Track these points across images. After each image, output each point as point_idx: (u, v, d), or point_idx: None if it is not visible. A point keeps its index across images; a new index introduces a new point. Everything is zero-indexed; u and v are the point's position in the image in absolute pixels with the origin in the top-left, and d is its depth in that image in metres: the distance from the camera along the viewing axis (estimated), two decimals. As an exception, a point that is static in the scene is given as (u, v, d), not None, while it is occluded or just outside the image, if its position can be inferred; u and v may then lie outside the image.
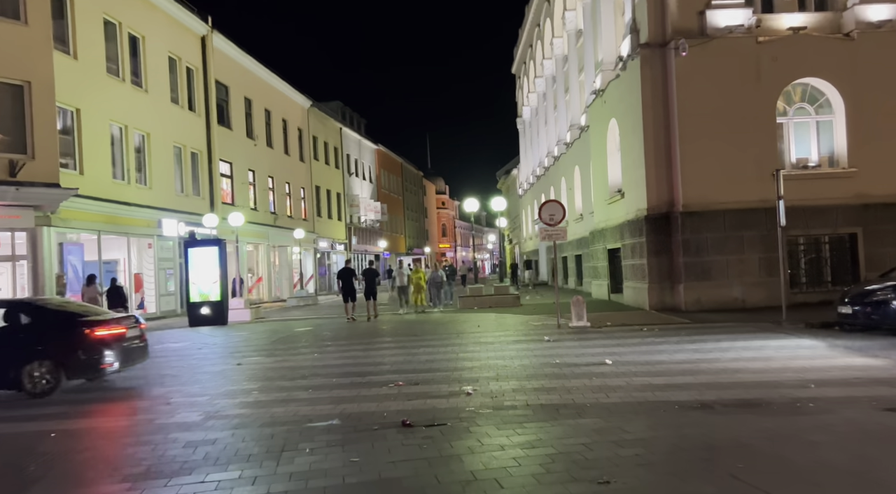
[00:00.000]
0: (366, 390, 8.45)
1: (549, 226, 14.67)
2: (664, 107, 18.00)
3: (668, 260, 17.84)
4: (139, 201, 24.15)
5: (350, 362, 11.00)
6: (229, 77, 32.28)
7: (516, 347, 11.92)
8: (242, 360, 12.02)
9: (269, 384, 9.29)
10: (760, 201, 17.32)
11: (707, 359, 9.70)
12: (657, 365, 9.51)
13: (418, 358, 11.08)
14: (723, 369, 8.93)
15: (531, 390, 8.00)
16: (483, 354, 11.24)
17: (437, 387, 8.42)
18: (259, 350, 13.57)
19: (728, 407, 6.75)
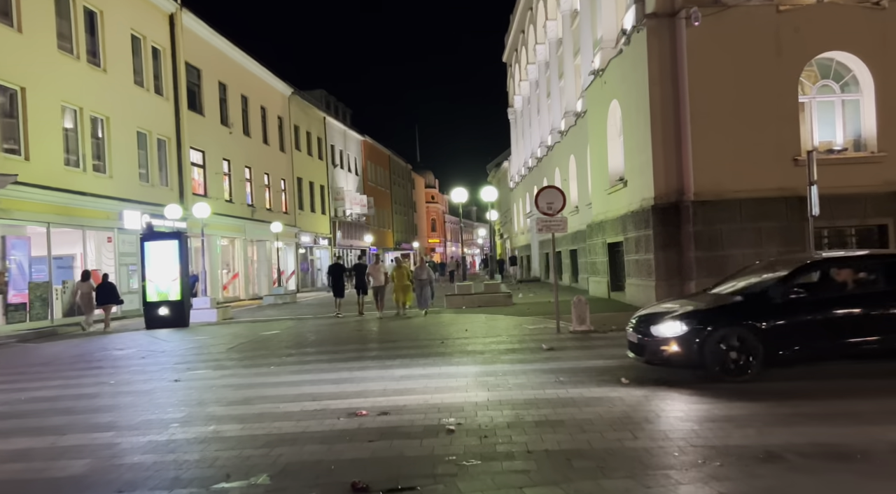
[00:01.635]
0: (317, 423, 6.55)
1: (548, 215, 12.77)
2: (673, 83, 16.14)
3: (677, 254, 16.01)
4: (97, 191, 22.10)
5: (309, 378, 9.08)
6: (201, 59, 30.18)
7: (510, 358, 10.04)
8: (184, 374, 10.08)
9: (198, 411, 7.36)
10: (780, 189, 15.56)
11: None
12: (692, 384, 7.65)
13: (392, 373, 9.18)
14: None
15: (531, 425, 6.12)
16: (471, 368, 9.35)
17: (409, 419, 6.53)
18: (209, 360, 11.62)
19: (810, 457, 4.90)
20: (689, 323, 7.82)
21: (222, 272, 32.56)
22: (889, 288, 8.02)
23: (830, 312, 7.82)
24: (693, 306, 8.28)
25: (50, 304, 20.01)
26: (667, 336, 7.86)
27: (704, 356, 7.61)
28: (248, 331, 16.45)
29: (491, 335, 13.06)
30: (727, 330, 7.65)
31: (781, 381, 7.60)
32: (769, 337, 7.61)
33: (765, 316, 7.72)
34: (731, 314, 7.92)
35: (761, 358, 7.59)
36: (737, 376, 7.56)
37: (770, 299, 7.85)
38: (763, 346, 7.58)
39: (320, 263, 46.46)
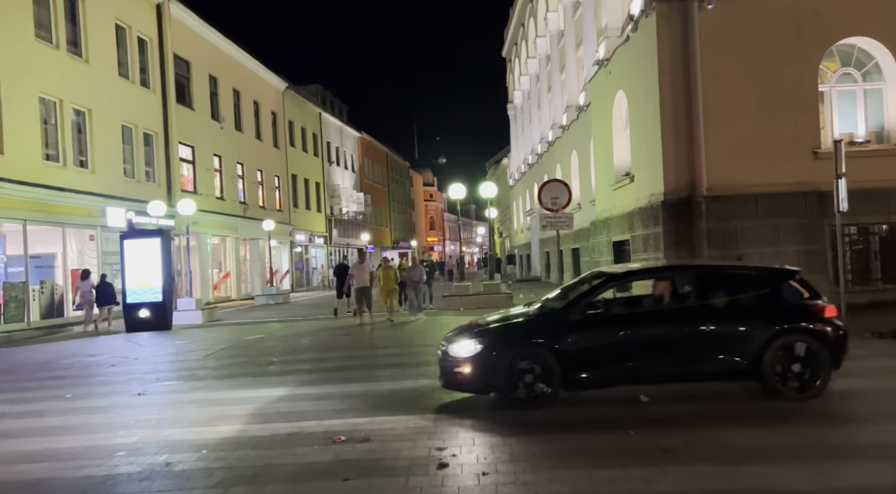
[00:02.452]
0: (286, 452, 5.57)
1: (552, 211, 11.79)
2: (685, 71, 15.13)
3: (688, 253, 15.01)
4: (78, 186, 21.10)
5: (286, 393, 8.10)
6: (191, 52, 29.16)
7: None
8: (150, 387, 9.10)
9: (154, 435, 6.38)
10: (799, 183, 14.59)
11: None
12: (717, 400, 6.68)
13: (380, 388, 8.19)
14: (826, 410, 6.14)
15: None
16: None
17: (394, 448, 5.55)
18: (182, 369, 10.64)
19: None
20: (482, 341, 6.83)
21: (213, 271, 31.60)
22: (699, 302, 7.09)
23: (634, 330, 6.92)
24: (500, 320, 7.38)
25: (26, 306, 19.02)
26: (461, 356, 6.84)
27: (496, 379, 6.64)
28: (232, 335, 15.46)
29: (490, 340, 12.07)
30: (521, 350, 6.73)
31: (586, 406, 6.76)
32: (568, 358, 6.68)
33: (562, 334, 6.78)
34: (525, 332, 7.03)
35: (558, 381, 6.66)
36: (531, 403, 6.62)
37: (568, 315, 6.91)
38: (561, 368, 6.64)
39: (315, 262, 45.47)
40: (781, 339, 6.69)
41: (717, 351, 6.77)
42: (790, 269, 7.41)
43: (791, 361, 6.65)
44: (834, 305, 7.06)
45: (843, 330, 6.94)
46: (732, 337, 6.80)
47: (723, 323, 6.86)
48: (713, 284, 7.32)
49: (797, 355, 6.67)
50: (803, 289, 7.12)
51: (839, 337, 6.87)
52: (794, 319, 6.86)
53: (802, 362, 6.66)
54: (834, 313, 6.98)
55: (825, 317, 6.87)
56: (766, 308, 6.94)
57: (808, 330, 6.79)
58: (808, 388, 6.64)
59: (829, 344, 6.75)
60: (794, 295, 7.05)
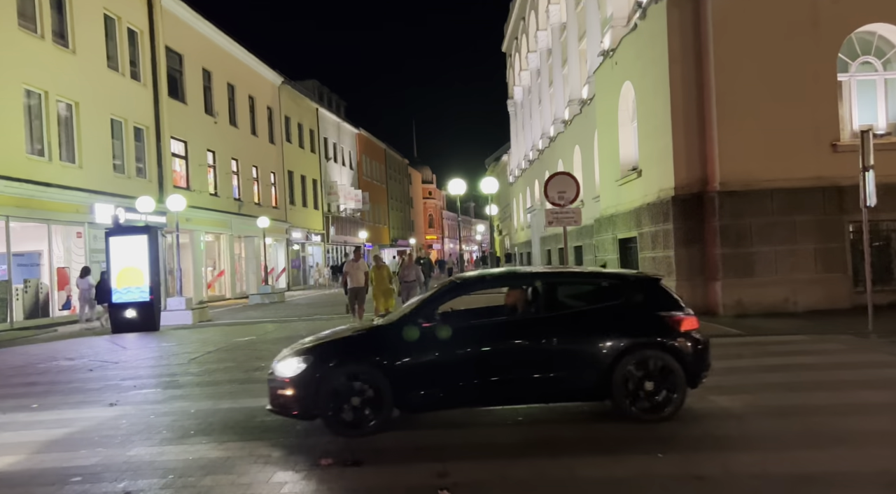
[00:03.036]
0: (264, 478, 4.85)
1: (558, 206, 11.07)
2: (696, 60, 14.45)
3: (700, 251, 14.34)
4: (65, 182, 20.36)
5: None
6: (183, 44, 28.40)
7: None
8: (125, 395, 8.39)
9: (117, 455, 5.66)
10: (816, 178, 13.91)
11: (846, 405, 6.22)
12: (754, 416, 5.98)
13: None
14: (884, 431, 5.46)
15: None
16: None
17: (392, 472, 4.84)
18: (163, 375, 9.93)
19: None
20: (307, 359, 6.05)
21: (207, 270, 30.87)
22: (547, 314, 6.36)
23: (473, 345, 6.11)
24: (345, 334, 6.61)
25: (9, 306, 18.29)
26: (285, 375, 6.05)
27: (320, 402, 5.85)
28: (222, 337, 14.74)
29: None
30: (347, 369, 5.95)
31: (421, 430, 6.04)
32: (400, 376, 5.93)
33: (395, 349, 6.02)
34: (354, 348, 6.25)
35: (390, 403, 5.90)
36: (356, 428, 5.84)
37: (402, 328, 6.12)
38: (393, 388, 5.89)
39: (312, 260, 44.74)
40: (633, 354, 6.00)
41: (565, 368, 6.03)
42: (650, 277, 6.74)
43: (643, 379, 5.96)
44: (694, 317, 6.33)
45: (702, 344, 6.22)
46: (581, 353, 6.08)
47: (571, 336, 6.13)
48: (564, 293, 6.65)
49: (650, 372, 5.98)
50: (664, 299, 6.38)
51: (698, 353, 6.16)
52: (649, 332, 6.14)
53: (656, 380, 5.97)
54: (693, 325, 6.24)
55: (682, 331, 6.15)
56: (620, 319, 6.24)
57: (662, 344, 6.09)
58: (659, 409, 5.95)
59: (685, 361, 6.05)
60: (652, 306, 6.30)
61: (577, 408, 6.48)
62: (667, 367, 6.00)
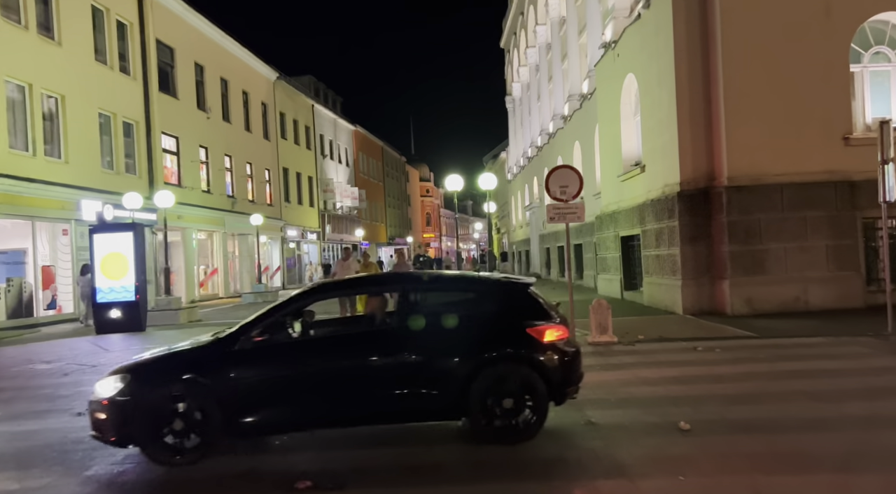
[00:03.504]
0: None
1: (560, 201, 10.50)
2: (703, 50, 13.89)
3: (706, 248, 13.79)
4: (50, 177, 19.73)
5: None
6: (175, 38, 27.75)
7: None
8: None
9: (65, 477, 5.09)
10: (828, 172, 13.37)
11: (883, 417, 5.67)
12: (781, 431, 5.41)
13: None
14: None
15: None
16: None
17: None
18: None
19: None
20: (124, 378, 5.36)
21: (200, 268, 30.25)
22: (401, 324, 5.68)
23: (314, 361, 5.51)
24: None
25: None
26: (102, 396, 5.35)
27: (136, 428, 5.18)
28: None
29: (492, 346, 10.79)
30: (167, 390, 5.26)
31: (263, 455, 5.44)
32: (229, 398, 5.26)
33: (224, 367, 5.37)
34: (177, 366, 5.52)
35: (217, 427, 5.23)
36: (179, 456, 5.18)
37: (233, 344, 5.49)
38: (221, 411, 5.23)
39: (308, 258, 44.12)
40: (492, 369, 5.45)
41: (418, 385, 5.43)
42: (516, 283, 6.18)
43: (502, 395, 5.39)
44: (564, 326, 5.77)
45: (570, 356, 5.67)
46: (435, 367, 5.47)
47: (424, 348, 5.51)
48: (426, 301, 5.98)
49: (509, 388, 5.41)
50: (531, 307, 5.83)
51: (564, 366, 5.60)
52: (510, 344, 5.58)
53: (515, 397, 5.41)
54: (562, 335, 5.68)
55: (546, 342, 5.58)
56: (480, 329, 5.67)
57: (523, 357, 5.54)
58: (516, 429, 5.41)
59: (548, 375, 5.49)
60: (516, 315, 5.75)
61: (446, 428, 5.85)
62: (528, 382, 5.43)
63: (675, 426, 5.62)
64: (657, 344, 10.07)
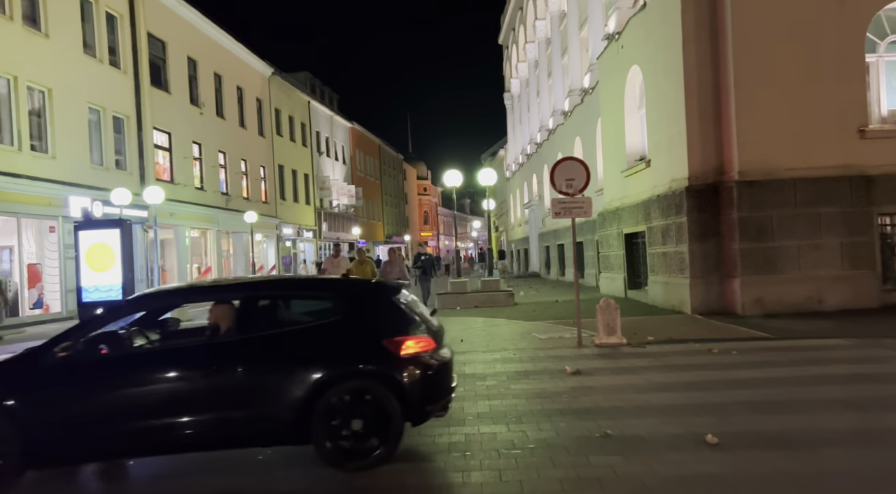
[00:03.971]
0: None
1: (566, 195, 9.95)
2: (713, 39, 13.35)
3: (716, 246, 13.26)
4: (36, 173, 19.16)
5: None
6: (167, 31, 27.15)
7: (522, 389, 7.24)
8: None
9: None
10: (843, 167, 12.85)
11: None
12: (821, 445, 4.87)
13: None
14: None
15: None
16: (469, 407, 6.55)
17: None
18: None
19: None
20: None
21: (193, 267, 29.66)
22: (239, 336, 5.07)
23: (148, 378, 4.87)
24: None
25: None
26: None
27: None
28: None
29: (493, 347, 10.25)
30: None
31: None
32: (31, 423, 4.64)
33: (26, 388, 4.75)
34: None
35: (18, 457, 4.61)
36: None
37: (39, 360, 4.87)
38: (22, 439, 4.61)
39: (304, 257, 43.54)
40: (339, 386, 4.86)
41: (255, 405, 4.85)
42: (380, 288, 5.59)
43: (350, 416, 4.84)
44: (429, 337, 5.17)
45: (433, 370, 5.07)
46: (274, 385, 4.87)
47: (263, 364, 4.94)
48: (266, 309, 5.36)
49: (358, 407, 4.86)
50: (391, 315, 5.21)
51: (425, 382, 5.00)
52: (361, 357, 4.99)
53: (365, 417, 4.86)
54: (425, 347, 5.08)
55: (404, 355, 4.99)
56: (328, 341, 5.06)
57: (374, 372, 4.97)
58: (365, 453, 4.85)
59: (405, 392, 4.91)
60: (374, 324, 5.16)
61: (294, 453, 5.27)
62: (379, 401, 4.86)
63: (701, 438, 5.08)
64: (668, 346, 9.52)
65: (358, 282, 5.83)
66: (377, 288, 5.61)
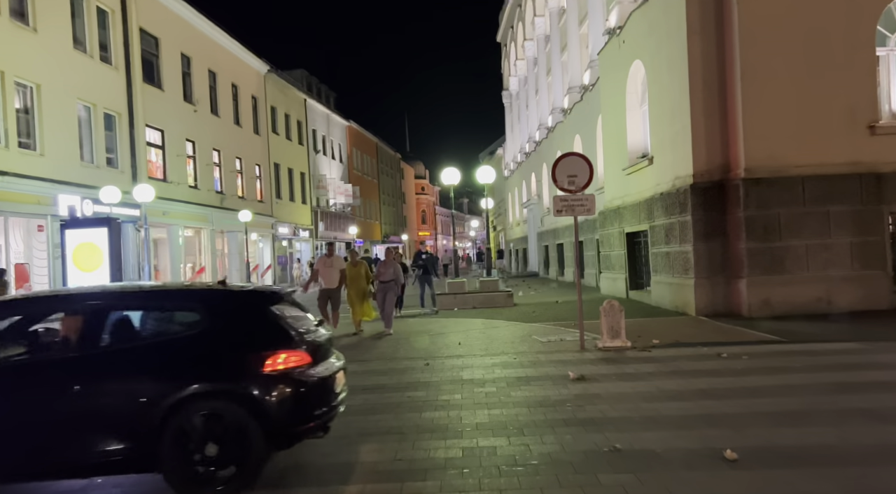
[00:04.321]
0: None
1: (569, 192, 9.55)
2: (718, 31, 12.95)
3: (722, 245, 12.86)
4: (23, 171, 18.64)
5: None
6: (160, 27, 26.67)
7: (524, 397, 6.83)
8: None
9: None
10: (853, 163, 12.46)
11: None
12: (853, 464, 4.46)
13: (353, 426, 5.93)
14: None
15: None
16: (467, 417, 6.14)
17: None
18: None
19: None
20: None
21: (187, 266, 29.20)
22: (85, 351, 4.57)
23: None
24: None
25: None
26: None
27: None
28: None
29: (492, 351, 9.84)
30: None
31: None
32: None
33: None
34: None
35: None
36: None
37: None
38: None
39: (300, 256, 43.10)
40: (192, 405, 4.41)
41: (96, 430, 4.38)
42: (251, 295, 5.08)
43: (204, 440, 4.39)
44: (303, 351, 4.68)
45: (305, 387, 4.58)
46: (117, 407, 4.40)
47: (107, 382, 4.46)
48: (117, 321, 4.82)
49: (213, 430, 4.41)
50: (261, 327, 4.75)
51: (290, 401, 4.52)
52: (218, 375, 4.52)
53: (221, 441, 4.40)
54: (298, 363, 4.60)
55: (269, 372, 4.52)
56: (183, 357, 4.58)
57: (231, 391, 4.49)
58: (221, 480, 4.40)
59: (268, 413, 4.45)
60: (238, 338, 4.69)
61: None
62: (237, 423, 4.41)
63: (719, 454, 4.68)
64: (675, 350, 9.12)
65: (223, 292, 5.11)
66: (247, 298, 5.04)
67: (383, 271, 12.83)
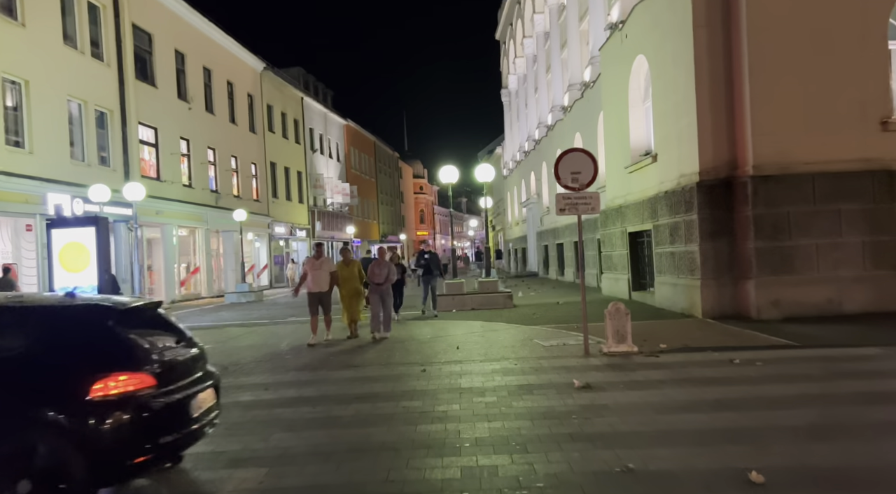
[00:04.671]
0: None
1: (572, 190, 9.12)
2: (725, 24, 12.53)
3: (729, 245, 12.44)
4: (12, 168, 18.24)
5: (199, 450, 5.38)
6: (153, 23, 26.23)
7: (526, 407, 6.41)
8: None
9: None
10: (864, 160, 12.05)
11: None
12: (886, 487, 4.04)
13: (342, 440, 5.50)
14: None
15: None
16: (465, 431, 5.72)
17: None
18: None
19: None
20: None
21: (182, 266, 28.75)
22: None
23: None
24: None
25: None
26: None
27: None
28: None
29: (492, 356, 9.41)
30: None
31: None
32: None
33: None
34: None
35: None
36: None
37: None
38: None
39: (297, 256, 42.67)
40: (15, 440, 3.93)
41: None
42: (85, 310, 4.52)
43: (16, 475, 3.89)
44: (144, 373, 4.20)
45: (144, 413, 4.10)
46: None
47: None
48: None
49: (25, 465, 3.90)
50: (104, 345, 4.28)
51: (124, 430, 4.03)
52: (32, 402, 4.02)
53: (35, 477, 3.90)
54: (136, 386, 4.12)
55: (98, 398, 4.03)
56: (14, 381, 4.08)
57: (47, 420, 3.98)
58: None
59: (91, 446, 3.97)
60: (66, 358, 4.18)
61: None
62: (55, 456, 3.91)
63: (743, 476, 4.25)
64: (684, 355, 8.70)
65: (52, 308, 4.58)
66: (79, 314, 4.49)
67: (378, 272, 12.28)
